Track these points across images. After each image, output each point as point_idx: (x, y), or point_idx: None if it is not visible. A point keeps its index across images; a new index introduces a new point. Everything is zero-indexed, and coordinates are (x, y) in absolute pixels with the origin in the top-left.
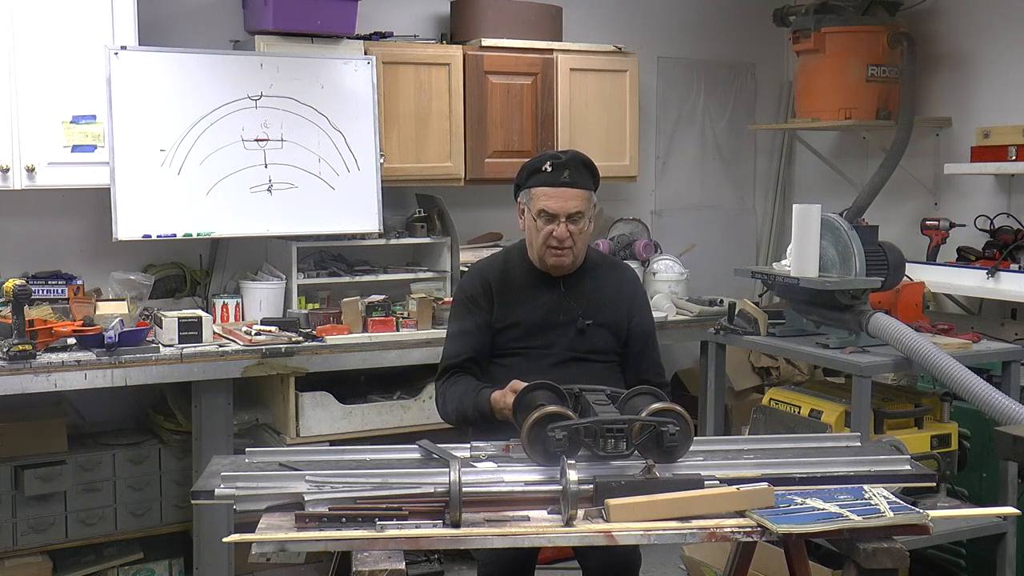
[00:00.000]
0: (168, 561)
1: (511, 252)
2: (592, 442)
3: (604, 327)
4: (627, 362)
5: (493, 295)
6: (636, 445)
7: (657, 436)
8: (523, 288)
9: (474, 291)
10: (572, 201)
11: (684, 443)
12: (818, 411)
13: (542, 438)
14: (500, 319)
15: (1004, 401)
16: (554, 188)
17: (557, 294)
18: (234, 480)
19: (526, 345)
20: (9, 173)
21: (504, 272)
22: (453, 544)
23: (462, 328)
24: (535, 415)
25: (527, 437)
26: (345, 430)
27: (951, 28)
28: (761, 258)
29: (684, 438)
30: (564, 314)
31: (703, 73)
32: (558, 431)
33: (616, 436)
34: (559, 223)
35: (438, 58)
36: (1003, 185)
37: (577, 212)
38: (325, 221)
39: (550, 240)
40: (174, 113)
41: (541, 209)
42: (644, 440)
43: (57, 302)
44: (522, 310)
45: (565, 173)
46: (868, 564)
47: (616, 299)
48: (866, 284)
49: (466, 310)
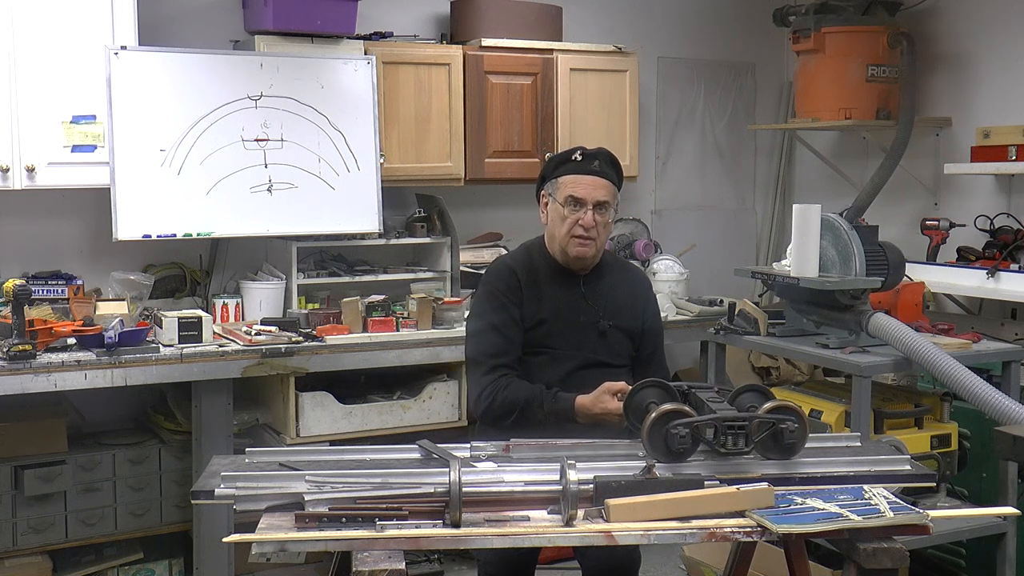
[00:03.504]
0: (168, 561)
1: (532, 248)
2: (713, 440)
3: (621, 331)
4: (636, 364)
5: (522, 291)
6: (756, 442)
7: (775, 434)
8: (548, 284)
9: (507, 283)
10: (600, 190)
11: (802, 440)
12: (818, 411)
13: (663, 436)
14: (529, 315)
15: (1004, 401)
16: (585, 176)
17: (578, 293)
18: (234, 480)
19: (553, 345)
20: (9, 173)
21: (530, 267)
22: (453, 544)
23: (502, 321)
24: (656, 412)
25: (648, 435)
26: (345, 430)
27: (951, 28)
28: (761, 258)
29: (802, 435)
30: (585, 314)
31: (703, 73)
32: (681, 428)
33: (736, 433)
34: (586, 210)
35: (438, 58)
36: (1003, 185)
37: (604, 201)
38: (325, 221)
39: (575, 228)
40: (174, 113)
41: (569, 195)
42: (762, 437)
43: (57, 302)
44: (548, 307)
45: (595, 163)
46: (868, 564)
47: (631, 301)
48: (866, 284)
49: (500, 304)
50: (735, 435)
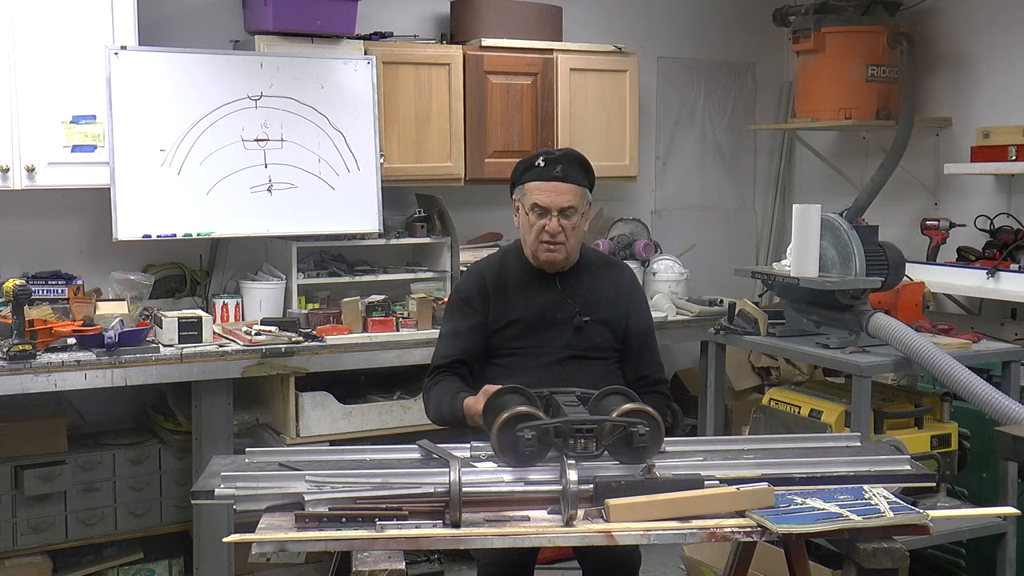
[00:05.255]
0: (168, 561)
1: (508, 252)
2: (562, 443)
3: (602, 324)
4: (626, 359)
5: (490, 295)
6: (606, 446)
7: (627, 437)
8: (520, 287)
9: (469, 292)
10: (564, 195)
11: (654, 444)
12: (818, 411)
13: (512, 439)
14: (497, 319)
15: (1004, 401)
16: (546, 182)
17: (554, 292)
18: (234, 480)
19: (524, 344)
20: (9, 173)
21: (501, 271)
22: (453, 544)
23: (454, 329)
24: (505, 415)
25: (497, 438)
26: (345, 430)
27: (951, 28)
28: (761, 258)
29: (654, 439)
30: (561, 311)
31: (703, 73)
32: (527, 431)
33: (586, 436)
34: (551, 217)
35: (438, 58)
36: (1003, 185)
37: (569, 207)
38: (325, 221)
39: (542, 235)
40: (174, 113)
41: (534, 203)
42: (614, 441)
43: (57, 302)
44: (519, 308)
45: (557, 168)
46: (868, 564)
47: (614, 296)
48: (866, 284)
49: (459, 311)
50: (586, 438)
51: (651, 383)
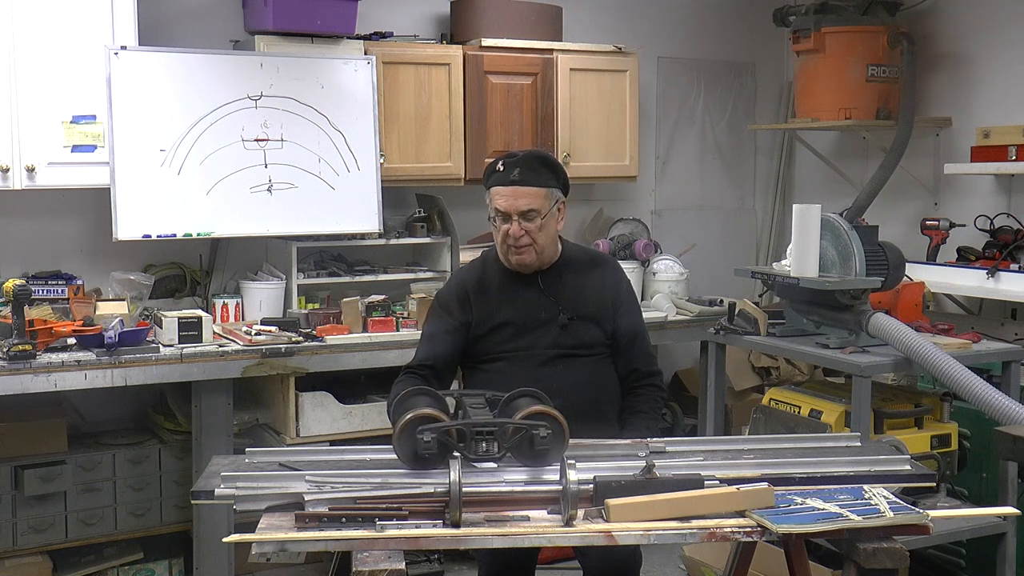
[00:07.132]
0: (168, 561)
1: (488, 256)
2: (464, 446)
3: (588, 320)
4: (617, 353)
5: (471, 301)
6: (507, 448)
7: (530, 439)
8: (502, 290)
9: (448, 298)
10: (522, 199)
11: (556, 447)
12: (818, 411)
13: (412, 441)
14: (482, 323)
15: (1004, 401)
16: (504, 187)
17: (536, 292)
18: (234, 480)
19: (511, 347)
20: (9, 173)
21: (482, 277)
22: (453, 544)
23: (429, 333)
24: (406, 417)
25: (397, 440)
26: (345, 430)
27: (951, 28)
28: (761, 258)
29: (556, 441)
30: (545, 311)
31: (703, 73)
32: (427, 434)
33: (487, 439)
34: (512, 221)
35: (438, 58)
36: (1003, 185)
37: (529, 210)
38: (325, 221)
39: (507, 239)
40: (174, 113)
41: (496, 208)
42: (516, 443)
43: (57, 302)
44: (503, 312)
45: (515, 172)
46: (868, 564)
47: (599, 292)
48: (866, 284)
49: (436, 316)
50: (487, 441)
51: (642, 376)
